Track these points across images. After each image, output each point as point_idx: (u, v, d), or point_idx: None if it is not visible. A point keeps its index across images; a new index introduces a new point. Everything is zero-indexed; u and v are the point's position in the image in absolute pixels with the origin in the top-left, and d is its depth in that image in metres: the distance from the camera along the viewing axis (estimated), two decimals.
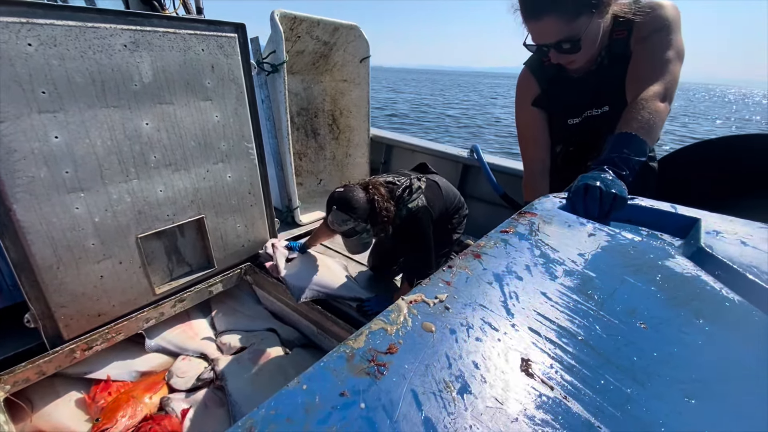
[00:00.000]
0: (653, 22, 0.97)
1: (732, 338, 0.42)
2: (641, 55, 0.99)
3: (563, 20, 0.91)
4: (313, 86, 2.92)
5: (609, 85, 1.07)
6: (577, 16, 0.91)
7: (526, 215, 0.71)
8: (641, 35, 0.99)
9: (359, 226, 1.47)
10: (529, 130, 1.25)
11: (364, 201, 1.47)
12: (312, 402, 0.33)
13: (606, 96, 1.11)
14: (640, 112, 0.90)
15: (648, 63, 0.98)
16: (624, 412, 0.34)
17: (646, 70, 0.97)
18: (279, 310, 1.89)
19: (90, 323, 1.46)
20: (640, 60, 1.00)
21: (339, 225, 1.48)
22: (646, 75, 0.97)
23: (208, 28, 1.52)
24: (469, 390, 0.35)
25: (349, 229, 1.48)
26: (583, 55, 1.00)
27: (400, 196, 1.54)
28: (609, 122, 1.09)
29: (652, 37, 0.97)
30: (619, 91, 1.06)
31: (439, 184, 1.69)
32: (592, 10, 0.91)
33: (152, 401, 1.43)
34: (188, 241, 1.74)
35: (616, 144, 0.88)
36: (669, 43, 0.96)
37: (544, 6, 0.91)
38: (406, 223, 1.52)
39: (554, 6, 0.90)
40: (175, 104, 1.48)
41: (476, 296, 0.48)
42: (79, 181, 1.30)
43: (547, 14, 0.91)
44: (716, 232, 0.61)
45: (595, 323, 0.44)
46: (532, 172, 1.26)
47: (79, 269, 1.37)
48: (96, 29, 1.24)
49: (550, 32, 0.94)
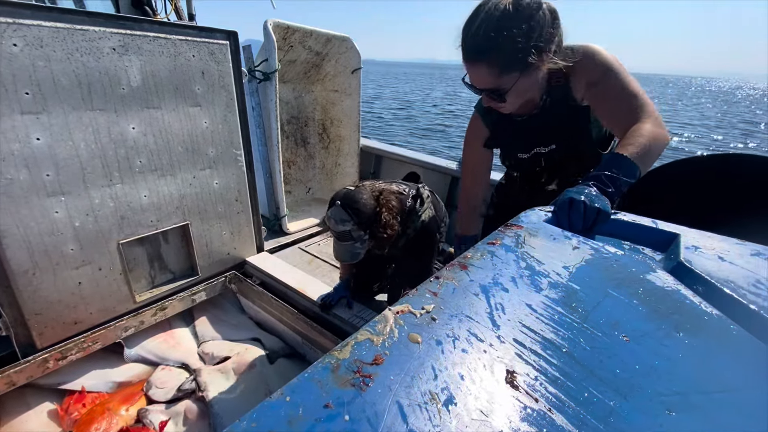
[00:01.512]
0: (599, 66, 1.01)
1: (710, 351, 0.43)
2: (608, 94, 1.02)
3: (493, 72, 0.96)
4: (304, 95, 2.93)
5: (553, 126, 1.13)
6: (506, 72, 0.96)
7: (513, 228, 0.72)
8: (591, 80, 1.03)
9: (356, 232, 1.33)
10: (477, 167, 1.35)
11: (371, 209, 1.35)
12: (295, 414, 0.32)
13: (551, 135, 1.15)
14: (638, 138, 0.93)
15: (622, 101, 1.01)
16: (607, 424, 0.34)
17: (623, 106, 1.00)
18: (264, 319, 1.86)
19: (65, 331, 1.41)
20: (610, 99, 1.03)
21: (336, 223, 1.33)
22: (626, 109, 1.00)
23: (200, 35, 1.51)
24: (455, 402, 0.35)
25: (345, 232, 1.33)
26: (512, 105, 1.05)
27: (412, 207, 1.48)
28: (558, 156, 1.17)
29: (605, 78, 1.01)
30: (563, 131, 1.12)
31: (434, 194, 1.71)
32: (521, 70, 0.96)
33: (129, 413, 1.38)
34: (172, 247, 1.70)
35: (608, 163, 0.91)
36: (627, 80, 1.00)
37: (477, 55, 0.95)
38: (420, 235, 1.49)
39: (486, 58, 0.95)
40: (163, 109, 1.47)
41: (463, 307, 0.48)
42: (60, 185, 1.27)
43: (479, 63, 0.96)
44: (695, 247, 0.62)
45: (579, 336, 0.44)
46: (470, 207, 1.36)
47: (56, 275, 1.33)
48: (84, 32, 1.22)
49: (481, 79, 0.99)
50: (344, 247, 1.38)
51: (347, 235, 1.34)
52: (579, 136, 1.12)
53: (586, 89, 1.05)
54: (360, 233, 1.34)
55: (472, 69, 0.98)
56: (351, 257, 1.39)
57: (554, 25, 0.94)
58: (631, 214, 0.76)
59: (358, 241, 1.35)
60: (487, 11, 0.92)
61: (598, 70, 1.01)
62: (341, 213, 1.32)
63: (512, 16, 0.90)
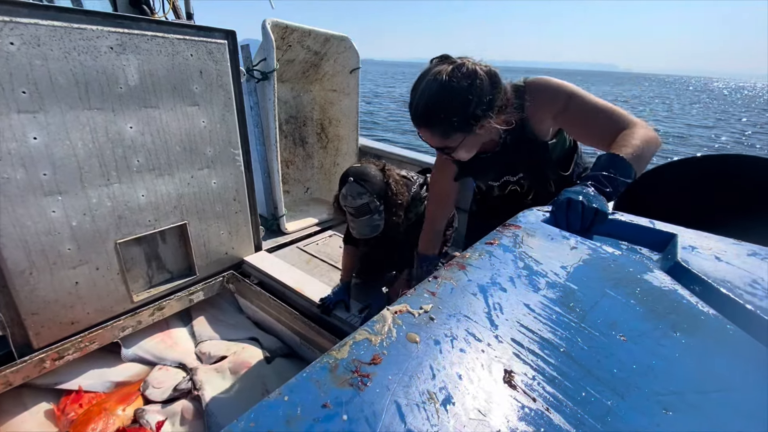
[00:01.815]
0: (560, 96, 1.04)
1: (707, 351, 0.43)
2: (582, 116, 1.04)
3: (438, 135, 1.00)
4: (302, 95, 2.92)
5: (515, 159, 1.18)
6: (451, 135, 0.99)
7: (511, 227, 0.72)
8: (558, 111, 1.05)
9: (373, 203, 1.38)
10: (444, 197, 1.39)
11: (380, 179, 1.41)
12: (293, 414, 0.32)
13: (516, 167, 1.22)
14: (632, 140, 0.94)
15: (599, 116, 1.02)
16: (604, 423, 0.34)
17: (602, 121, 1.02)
18: (261, 319, 1.85)
19: (62, 331, 1.41)
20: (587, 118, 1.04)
21: (353, 198, 1.37)
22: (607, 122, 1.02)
23: (198, 34, 1.51)
24: (453, 401, 0.35)
25: (363, 205, 1.38)
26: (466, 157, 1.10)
27: (416, 193, 1.52)
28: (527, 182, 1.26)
29: (572, 103, 1.03)
30: (526, 163, 1.18)
31: None
32: (465, 133, 0.99)
33: (126, 413, 1.38)
34: (170, 247, 1.70)
35: (605, 163, 0.91)
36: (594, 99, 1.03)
37: (422, 121, 0.99)
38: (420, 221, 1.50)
39: (428, 126, 0.99)
40: (161, 108, 1.46)
41: (461, 307, 0.48)
42: (57, 184, 1.27)
43: (426, 127, 1.00)
44: (692, 248, 0.63)
45: (576, 335, 0.45)
46: (434, 229, 1.41)
47: (53, 275, 1.32)
48: (82, 30, 1.22)
49: (429, 140, 1.03)
50: (363, 222, 1.41)
51: (366, 208, 1.39)
52: (542, 165, 1.18)
53: (554, 120, 1.08)
54: (376, 204, 1.39)
55: (420, 130, 1.03)
56: (371, 230, 1.43)
57: (494, 89, 0.97)
58: (629, 215, 0.77)
59: (375, 212, 1.40)
60: (427, 82, 0.95)
61: (561, 99, 1.05)
62: (356, 187, 1.37)
63: (449, 89, 0.93)
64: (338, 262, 2.21)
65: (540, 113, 1.08)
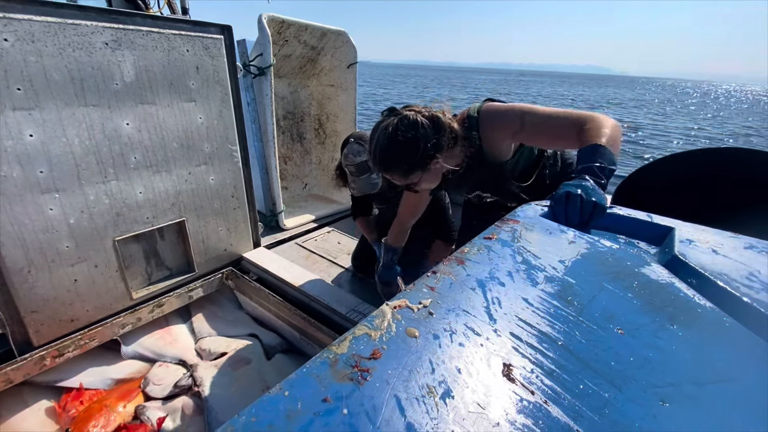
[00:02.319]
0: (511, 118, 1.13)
1: (704, 343, 0.43)
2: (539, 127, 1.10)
3: (398, 176, 1.11)
4: (299, 90, 2.91)
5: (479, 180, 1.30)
6: (407, 176, 1.10)
7: (509, 222, 0.72)
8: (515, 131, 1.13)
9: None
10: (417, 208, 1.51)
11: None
12: (294, 408, 0.33)
13: (482, 185, 1.34)
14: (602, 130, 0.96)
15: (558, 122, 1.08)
16: (602, 415, 0.35)
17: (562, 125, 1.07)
18: (261, 315, 1.86)
19: (62, 329, 1.41)
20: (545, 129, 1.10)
21: (354, 156, 1.54)
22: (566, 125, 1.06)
23: (194, 29, 1.50)
24: (452, 395, 0.36)
25: (362, 162, 1.54)
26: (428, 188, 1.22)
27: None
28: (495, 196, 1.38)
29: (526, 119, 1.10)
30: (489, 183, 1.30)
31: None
32: (421, 171, 1.09)
33: (127, 410, 1.38)
34: (168, 244, 1.70)
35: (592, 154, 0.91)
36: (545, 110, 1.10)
37: (381, 168, 1.12)
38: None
39: (390, 169, 1.11)
40: (157, 104, 1.45)
41: (460, 302, 0.48)
42: (54, 181, 1.26)
43: (386, 171, 1.12)
44: (689, 241, 0.63)
45: (574, 329, 0.45)
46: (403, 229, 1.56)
47: (52, 272, 1.32)
48: (76, 26, 1.21)
49: (394, 179, 1.14)
50: (363, 180, 1.60)
51: (365, 166, 1.55)
52: (501, 183, 1.31)
53: (513, 139, 1.17)
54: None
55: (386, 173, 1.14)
56: (371, 187, 1.63)
57: (437, 132, 1.07)
58: (627, 208, 0.77)
59: (374, 171, 1.55)
60: (378, 136, 1.07)
61: (513, 120, 1.13)
62: (357, 147, 1.54)
63: (396, 141, 1.04)
64: (337, 258, 2.22)
65: (495, 138, 1.18)
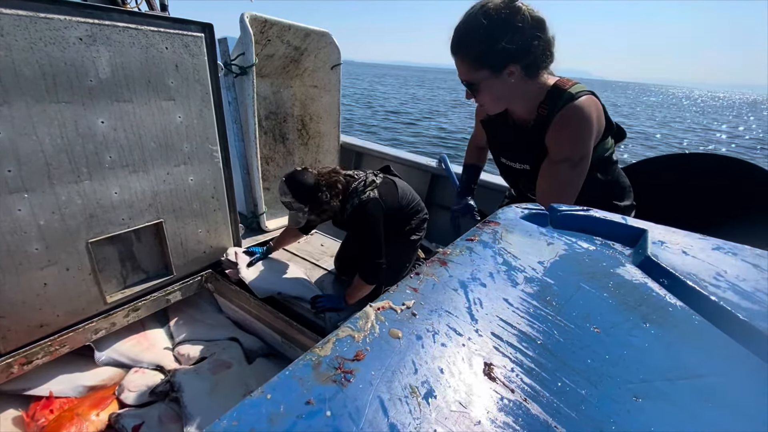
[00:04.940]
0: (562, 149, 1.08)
1: (675, 341, 0.45)
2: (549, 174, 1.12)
3: (466, 64, 1.03)
4: (282, 90, 2.88)
5: (529, 148, 1.17)
6: (475, 68, 1.02)
7: (490, 224, 0.73)
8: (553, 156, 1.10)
9: (296, 204, 1.63)
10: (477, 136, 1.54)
11: (308, 187, 1.62)
12: (276, 411, 0.32)
13: (528, 156, 1.21)
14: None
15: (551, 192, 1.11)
16: (579, 412, 0.36)
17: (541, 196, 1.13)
18: (241, 318, 1.83)
19: (30, 335, 1.35)
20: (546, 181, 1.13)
21: (280, 195, 1.65)
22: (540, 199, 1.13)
23: (173, 26, 1.46)
24: (434, 395, 0.36)
25: (286, 203, 1.65)
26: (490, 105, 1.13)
27: (354, 188, 1.67)
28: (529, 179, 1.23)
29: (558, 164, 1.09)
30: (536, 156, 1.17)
31: (396, 183, 1.80)
32: (491, 70, 1.01)
33: (100, 418, 1.34)
34: (145, 246, 1.65)
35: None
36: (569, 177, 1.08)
37: (455, 47, 1.04)
38: (356, 212, 1.63)
39: (460, 50, 1.03)
40: (134, 102, 1.41)
41: (442, 302, 0.49)
42: (23, 181, 1.21)
43: (456, 54, 1.04)
44: (661, 242, 0.65)
45: (553, 328, 0.46)
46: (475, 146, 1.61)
47: (20, 276, 1.27)
48: (49, 20, 1.16)
49: (459, 70, 1.07)
50: (291, 215, 1.70)
51: (289, 206, 1.65)
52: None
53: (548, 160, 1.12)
54: (300, 205, 1.63)
55: (454, 59, 1.06)
56: (295, 223, 1.72)
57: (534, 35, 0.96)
58: (603, 211, 0.79)
59: (299, 212, 1.65)
60: (471, 10, 0.98)
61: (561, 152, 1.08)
62: (282, 187, 1.63)
63: (486, 17, 0.95)
64: (320, 260, 2.20)
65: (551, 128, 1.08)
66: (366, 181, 1.69)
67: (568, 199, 1.10)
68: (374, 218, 1.61)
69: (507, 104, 1.14)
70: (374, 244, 1.61)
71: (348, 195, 1.67)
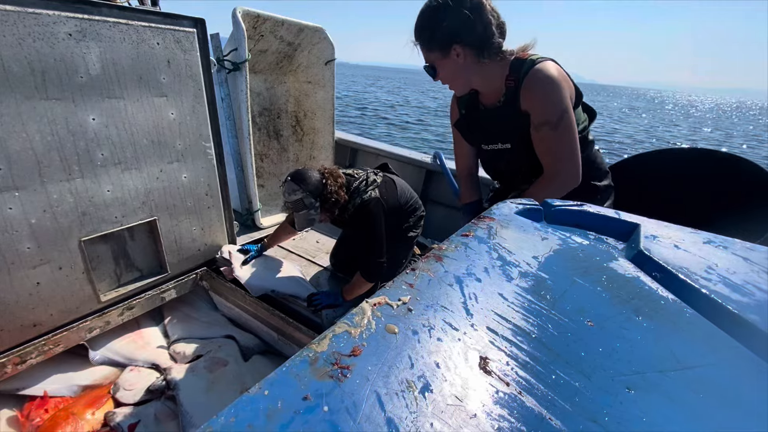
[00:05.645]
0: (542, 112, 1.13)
1: (666, 333, 0.46)
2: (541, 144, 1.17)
3: (423, 48, 1.18)
4: (276, 86, 2.86)
5: (504, 125, 1.25)
6: (429, 50, 1.16)
7: (485, 220, 0.74)
8: (533, 120, 1.15)
9: (307, 200, 1.56)
10: (456, 145, 1.52)
11: (316, 179, 1.58)
12: (274, 407, 0.32)
13: (506, 134, 1.27)
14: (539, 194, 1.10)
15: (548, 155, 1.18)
16: (573, 404, 0.36)
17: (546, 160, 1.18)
18: (237, 316, 1.82)
19: (24, 334, 1.34)
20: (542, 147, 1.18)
21: (289, 194, 1.57)
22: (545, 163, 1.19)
23: (164, 21, 1.45)
24: (431, 389, 0.36)
25: (297, 200, 1.56)
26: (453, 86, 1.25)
27: (356, 188, 1.66)
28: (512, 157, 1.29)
29: (541, 129, 1.14)
30: (512, 132, 1.23)
31: (395, 182, 1.80)
32: (439, 51, 1.14)
33: (95, 417, 1.33)
34: (139, 244, 1.64)
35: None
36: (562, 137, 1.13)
37: (415, 34, 1.17)
38: (358, 211, 1.63)
39: (417, 36, 1.17)
40: (126, 99, 1.40)
41: (438, 298, 0.49)
42: (14, 179, 1.19)
43: (416, 40, 1.18)
44: (653, 237, 0.66)
45: (547, 322, 0.47)
46: (461, 177, 1.58)
47: (12, 275, 1.25)
48: (37, 15, 1.14)
49: (423, 55, 1.20)
50: (301, 216, 1.60)
51: (300, 204, 1.57)
52: (524, 139, 1.21)
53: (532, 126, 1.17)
54: (311, 200, 1.57)
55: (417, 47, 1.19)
56: (307, 224, 1.63)
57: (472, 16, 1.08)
58: (596, 206, 0.80)
59: (311, 208, 1.58)
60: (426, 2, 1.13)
61: (538, 118, 1.14)
62: (291, 185, 1.57)
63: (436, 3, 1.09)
64: (315, 257, 2.20)
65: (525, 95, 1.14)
66: (367, 181, 1.68)
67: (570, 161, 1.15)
68: (377, 218, 1.62)
69: (467, 83, 1.23)
70: (376, 243, 1.61)
71: (350, 194, 1.67)
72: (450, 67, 1.17)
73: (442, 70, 1.18)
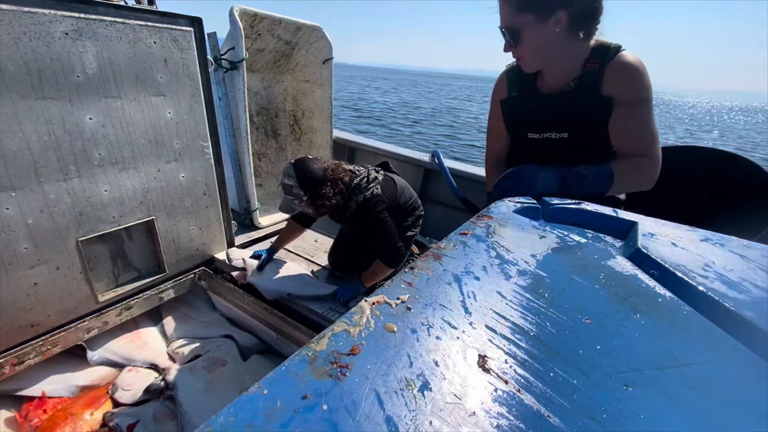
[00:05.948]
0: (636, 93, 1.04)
1: (664, 330, 0.46)
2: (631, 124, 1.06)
3: (510, 8, 1.02)
4: (274, 85, 2.85)
5: (571, 111, 1.13)
6: (522, 11, 1.01)
7: (484, 218, 0.74)
8: (622, 100, 1.05)
9: (296, 190, 1.56)
10: (494, 123, 1.36)
11: (316, 178, 1.56)
12: (273, 406, 0.32)
13: (566, 122, 1.15)
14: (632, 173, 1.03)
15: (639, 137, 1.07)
16: (571, 401, 0.36)
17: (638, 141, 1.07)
18: (236, 315, 1.82)
19: (21, 335, 1.33)
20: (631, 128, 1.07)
21: (283, 176, 1.58)
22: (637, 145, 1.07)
23: (161, 20, 1.44)
24: (430, 387, 0.36)
25: (287, 186, 1.57)
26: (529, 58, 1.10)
27: (357, 184, 1.66)
28: (566, 149, 1.16)
29: (636, 108, 1.05)
30: (579, 119, 1.12)
31: (395, 181, 1.81)
32: (536, 14, 1.00)
33: (94, 417, 1.33)
34: (136, 244, 1.63)
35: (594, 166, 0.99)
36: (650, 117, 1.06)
37: None
38: (361, 208, 1.64)
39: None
40: (123, 98, 1.39)
41: (436, 296, 0.49)
42: (10, 179, 1.19)
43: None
44: (651, 234, 0.67)
45: (545, 320, 0.47)
46: (489, 163, 1.42)
47: (9, 276, 1.25)
48: (33, 14, 1.14)
49: (503, 16, 1.05)
50: (286, 199, 1.61)
51: (289, 189, 1.57)
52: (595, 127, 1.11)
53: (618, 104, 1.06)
54: (300, 192, 1.55)
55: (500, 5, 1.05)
56: (287, 210, 1.63)
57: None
58: (594, 204, 0.80)
59: (297, 198, 1.57)
60: None
61: (634, 96, 1.04)
62: (289, 169, 1.56)
63: None
64: (314, 256, 2.20)
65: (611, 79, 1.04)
66: (369, 178, 1.69)
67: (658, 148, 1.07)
68: (381, 210, 1.64)
69: (545, 63, 1.10)
70: (389, 231, 1.64)
71: (351, 191, 1.67)
72: (540, 37, 1.02)
73: (531, 38, 1.02)
